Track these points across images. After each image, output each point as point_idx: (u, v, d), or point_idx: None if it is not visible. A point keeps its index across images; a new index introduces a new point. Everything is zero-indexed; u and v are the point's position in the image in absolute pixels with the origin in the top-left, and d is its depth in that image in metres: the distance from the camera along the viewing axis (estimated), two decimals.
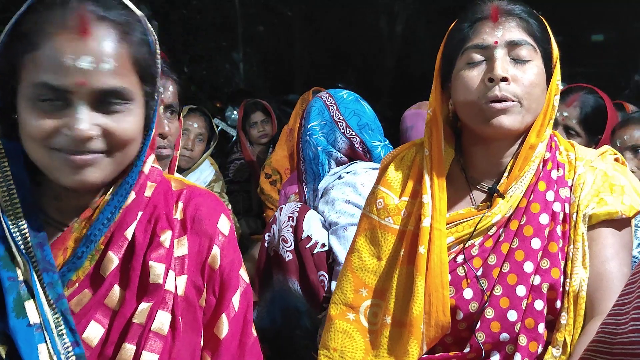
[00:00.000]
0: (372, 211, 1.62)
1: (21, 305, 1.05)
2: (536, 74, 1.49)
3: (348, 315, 1.58)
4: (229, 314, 1.24)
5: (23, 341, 1.03)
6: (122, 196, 1.12)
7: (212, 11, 10.37)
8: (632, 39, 9.01)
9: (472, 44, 1.51)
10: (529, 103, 1.49)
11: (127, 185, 1.13)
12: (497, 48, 1.48)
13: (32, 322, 1.05)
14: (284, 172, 4.14)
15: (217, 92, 9.47)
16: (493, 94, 1.46)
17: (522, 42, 1.49)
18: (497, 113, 1.47)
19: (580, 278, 1.44)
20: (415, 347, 1.47)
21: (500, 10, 1.51)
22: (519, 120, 1.48)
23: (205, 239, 1.22)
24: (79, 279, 1.11)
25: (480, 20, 1.52)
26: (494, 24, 1.50)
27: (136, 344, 1.12)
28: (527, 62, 1.49)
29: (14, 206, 1.10)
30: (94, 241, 1.10)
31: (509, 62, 1.48)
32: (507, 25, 1.50)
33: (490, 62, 1.48)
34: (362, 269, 1.60)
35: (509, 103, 1.47)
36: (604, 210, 1.48)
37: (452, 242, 1.53)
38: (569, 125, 2.66)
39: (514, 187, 1.52)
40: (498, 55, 1.48)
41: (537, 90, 1.50)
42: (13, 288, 1.05)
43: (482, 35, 1.50)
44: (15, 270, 1.07)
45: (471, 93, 1.49)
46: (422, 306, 1.48)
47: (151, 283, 1.14)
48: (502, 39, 1.49)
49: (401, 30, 10.91)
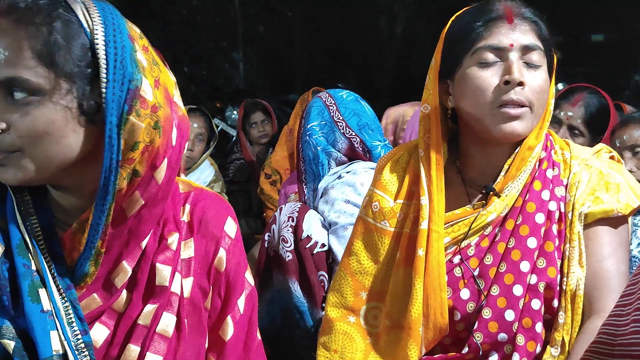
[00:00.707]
0: (368, 214, 1.62)
1: (35, 291, 1.06)
2: (544, 79, 1.49)
3: (349, 319, 1.58)
4: (234, 316, 1.24)
5: (38, 326, 1.04)
6: (101, 198, 1.07)
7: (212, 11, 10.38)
8: (632, 39, 9.01)
9: (485, 44, 1.48)
10: (537, 109, 1.48)
11: (102, 192, 1.07)
12: (512, 51, 1.46)
13: (45, 308, 1.05)
14: (283, 172, 4.13)
15: (217, 92, 9.48)
16: (509, 97, 1.44)
17: (535, 47, 1.47)
18: (510, 119, 1.45)
19: (577, 277, 1.44)
20: (414, 350, 1.47)
21: (515, 12, 1.49)
22: (528, 127, 1.48)
23: (212, 242, 1.22)
24: (86, 284, 1.11)
25: (494, 20, 1.49)
26: (509, 25, 1.48)
27: (141, 345, 1.12)
28: (538, 68, 1.48)
29: (26, 204, 1.12)
30: (92, 247, 1.09)
31: (522, 66, 1.47)
32: (522, 28, 1.48)
33: (506, 65, 1.46)
34: (361, 272, 1.60)
35: (523, 109, 1.46)
36: (600, 209, 1.48)
37: (448, 243, 1.53)
38: (573, 125, 2.67)
39: (510, 186, 1.52)
40: (514, 59, 1.46)
41: (545, 96, 1.50)
42: (27, 275, 1.06)
43: (498, 37, 1.47)
44: (29, 259, 1.08)
45: (483, 94, 1.47)
46: (420, 309, 1.48)
47: (157, 285, 1.15)
48: (517, 42, 1.46)
49: (401, 30, 10.92)
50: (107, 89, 1.04)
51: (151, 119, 1.06)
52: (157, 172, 1.10)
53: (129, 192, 1.09)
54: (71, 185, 1.12)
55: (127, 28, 1.09)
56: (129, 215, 1.10)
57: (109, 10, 1.08)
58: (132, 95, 1.04)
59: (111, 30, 1.06)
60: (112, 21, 1.07)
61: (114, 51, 1.05)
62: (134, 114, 1.05)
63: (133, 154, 1.06)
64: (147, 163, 1.08)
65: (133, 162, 1.06)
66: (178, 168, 1.17)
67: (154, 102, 1.07)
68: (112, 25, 1.06)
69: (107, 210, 1.07)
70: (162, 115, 1.08)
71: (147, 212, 1.12)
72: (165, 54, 2.15)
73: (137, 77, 1.05)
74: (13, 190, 1.12)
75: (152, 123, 1.07)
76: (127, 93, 1.04)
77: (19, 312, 1.05)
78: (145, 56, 1.09)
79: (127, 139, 1.05)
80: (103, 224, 1.07)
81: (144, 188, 1.10)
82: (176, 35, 9.39)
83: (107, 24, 1.06)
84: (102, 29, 1.05)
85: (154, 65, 1.11)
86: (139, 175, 1.08)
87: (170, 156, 1.12)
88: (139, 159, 1.07)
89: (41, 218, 1.11)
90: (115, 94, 1.04)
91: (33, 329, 1.04)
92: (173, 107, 1.13)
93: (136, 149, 1.06)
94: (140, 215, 1.12)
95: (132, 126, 1.04)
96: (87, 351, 1.07)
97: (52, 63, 1.03)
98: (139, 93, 1.05)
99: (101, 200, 1.06)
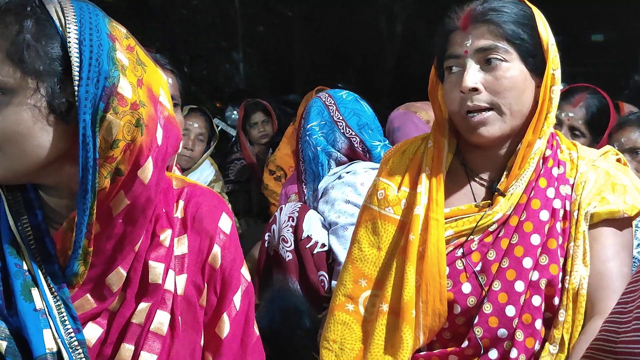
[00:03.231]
0: (373, 202, 1.63)
1: (28, 290, 1.06)
2: (510, 76, 1.48)
3: (347, 306, 1.59)
4: (230, 313, 1.23)
5: (31, 324, 1.04)
6: (82, 197, 1.06)
7: (212, 11, 10.39)
8: (632, 39, 9.00)
9: (447, 54, 1.53)
10: (507, 107, 1.49)
11: (81, 190, 1.06)
12: (467, 58, 1.49)
13: (38, 307, 1.05)
14: (288, 169, 4.14)
15: (217, 92, 9.48)
16: (465, 105, 1.49)
17: (491, 47, 1.48)
18: (476, 125, 1.49)
19: (580, 276, 1.45)
20: (409, 333, 1.48)
21: (471, 17, 1.50)
22: (501, 127, 1.49)
23: (206, 238, 1.21)
24: (78, 284, 1.11)
25: (451, 31, 1.53)
26: (463, 32, 1.51)
27: (135, 344, 1.12)
28: (499, 66, 1.48)
29: (17, 204, 1.12)
30: (78, 247, 1.08)
31: (478, 70, 1.49)
32: (476, 32, 1.49)
33: (463, 73, 1.50)
34: (361, 259, 1.60)
35: (484, 114, 1.48)
36: (606, 209, 1.48)
37: (451, 236, 1.54)
38: (574, 126, 2.67)
39: (514, 185, 1.53)
40: (467, 65, 1.49)
41: (514, 92, 1.49)
42: (19, 274, 1.07)
43: (454, 46, 1.52)
44: (20, 258, 1.08)
45: (451, 103, 1.52)
46: (412, 292, 1.49)
47: (150, 283, 1.14)
48: (471, 48, 1.49)
49: (401, 30, 10.91)
50: (79, 87, 1.03)
51: (132, 117, 1.05)
52: (141, 171, 1.08)
53: (113, 192, 1.07)
54: (54, 185, 1.12)
55: (109, 27, 1.08)
56: (114, 215, 1.09)
57: (87, 10, 1.08)
58: (108, 92, 1.03)
59: (87, 29, 1.05)
60: (88, 20, 1.06)
61: (89, 49, 1.04)
62: (110, 111, 1.04)
63: (113, 152, 1.05)
64: (130, 161, 1.07)
65: (114, 160, 1.05)
66: (165, 168, 1.15)
67: (135, 100, 1.06)
68: (89, 24, 1.06)
69: (89, 209, 1.06)
70: (144, 113, 1.07)
71: (141, 216, 1.11)
72: (165, 54, 2.16)
73: (114, 75, 1.04)
74: (4, 190, 1.12)
75: (132, 121, 1.05)
76: (102, 90, 1.03)
77: (12, 312, 1.05)
78: (128, 55, 1.08)
79: (105, 136, 1.04)
80: (86, 223, 1.06)
81: (128, 187, 1.08)
82: (176, 35, 9.39)
83: (83, 23, 1.05)
84: (75, 28, 1.05)
85: (138, 65, 1.09)
86: (122, 174, 1.07)
87: (156, 156, 1.10)
88: (121, 158, 1.06)
89: (32, 218, 1.11)
90: (89, 91, 1.03)
91: (26, 327, 1.04)
92: (158, 106, 1.11)
93: (116, 147, 1.04)
94: (134, 219, 1.11)
95: (109, 124, 1.03)
96: (80, 349, 1.07)
97: (20, 61, 1.02)
98: (115, 90, 1.04)
99: (82, 199, 1.05)
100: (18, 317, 1.05)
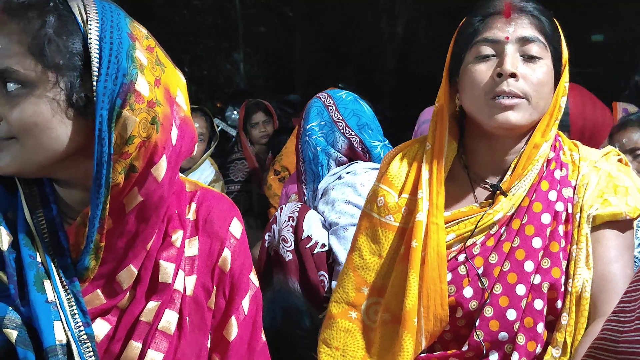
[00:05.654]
0: (373, 209, 1.62)
1: (40, 282, 1.07)
2: (545, 72, 1.49)
3: (350, 314, 1.58)
4: (238, 316, 1.24)
5: (42, 315, 1.05)
6: (95, 192, 1.07)
7: (213, 12, 10.40)
8: (632, 39, 9.01)
9: (481, 38, 1.50)
10: (536, 101, 1.48)
11: (95, 185, 1.07)
12: (508, 44, 1.48)
13: (49, 299, 1.07)
14: (292, 169, 4.14)
15: (217, 92, 9.49)
16: (501, 88, 1.46)
17: (533, 39, 1.48)
18: (503, 109, 1.47)
19: (583, 279, 1.44)
20: (409, 341, 1.47)
21: (513, 6, 1.51)
22: (526, 118, 1.48)
23: (217, 242, 1.22)
24: (88, 279, 1.12)
25: (492, 15, 1.51)
26: (506, 19, 1.50)
27: (142, 341, 1.12)
28: (537, 60, 1.49)
29: (33, 197, 1.13)
30: (91, 241, 1.09)
31: (519, 59, 1.48)
32: (519, 22, 1.49)
33: (500, 57, 1.48)
34: (363, 267, 1.60)
35: (516, 100, 1.47)
36: (608, 211, 1.48)
37: (453, 240, 1.53)
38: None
39: (517, 185, 1.52)
40: (508, 51, 1.47)
41: (546, 89, 1.50)
42: (33, 265, 1.08)
43: (493, 30, 1.50)
44: (34, 250, 1.09)
45: (478, 87, 1.49)
46: (415, 300, 1.48)
47: (160, 282, 1.15)
48: (513, 35, 1.48)
49: (402, 30, 10.91)
50: (98, 82, 1.05)
51: (147, 114, 1.07)
52: (155, 168, 1.09)
53: (127, 188, 1.09)
54: (69, 179, 1.13)
55: (130, 27, 1.11)
56: (127, 211, 1.10)
57: (108, 8, 1.10)
58: (125, 89, 1.05)
59: (108, 27, 1.07)
60: (110, 18, 1.08)
61: (109, 46, 1.06)
62: (127, 107, 1.05)
63: (128, 148, 1.06)
64: (145, 158, 1.08)
65: (129, 156, 1.06)
66: (178, 168, 1.17)
67: (151, 98, 1.07)
68: (110, 22, 1.08)
69: (103, 204, 1.07)
70: (160, 112, 1.09)
71: (154, 214, 1.13)
72: None
73: (133, 72, 1.06)
74: (22, 184, 1.13)
75: (148, 118, 1.07)
76: (120, 87, 1.05)
77: (24, 302, 1.06)
78: (147, 55, 1.10)
79: (121, 132, 1.05)
80: (99, 218, 1.08)
81: (141, 184, 1.09)
82: (177, 35, 9.40)
83: (104, 21, 1.08)
84: (97, 25, 1.07)
85: (157, 65, 1.11)
86: (136, 171, 1.08)
87: (170, 155, 1.11)
88: (135, 154, 1.07)
89: (47, 212, 1.12)
90: (107, 87, 1.05)
91: (38, 318, 1.05)
92: (174, 107, 1.13)
93: (131, 143, 1.06)
94: (146, 216, 1.12)
95: (125, 120, 1.05)
96: (89, 342, 1.07)
97: (41, 55, 1.05)
98: (133, 87, 1.06)
99: (95, 193, 1.07)
100: (30, 307, 1.06)
